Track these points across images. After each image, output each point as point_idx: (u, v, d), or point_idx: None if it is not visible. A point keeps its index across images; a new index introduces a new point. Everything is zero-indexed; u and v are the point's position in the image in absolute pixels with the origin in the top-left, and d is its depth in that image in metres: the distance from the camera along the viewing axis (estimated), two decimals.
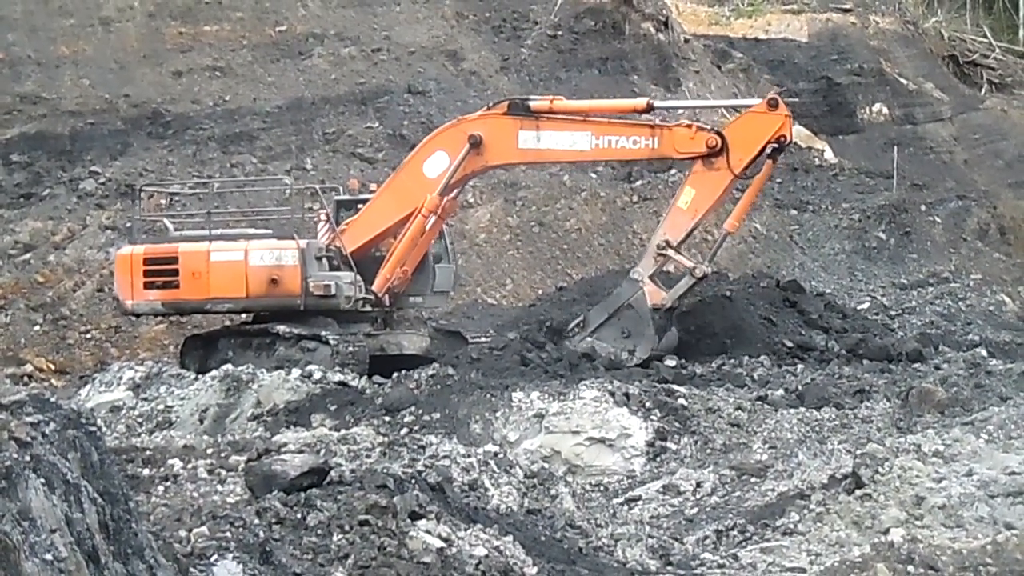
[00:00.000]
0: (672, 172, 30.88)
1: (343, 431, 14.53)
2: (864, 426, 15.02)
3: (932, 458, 11.21)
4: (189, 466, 11.76)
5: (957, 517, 10.02)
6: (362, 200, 20.65)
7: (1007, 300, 30.20)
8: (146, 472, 11.57)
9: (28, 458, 5.49)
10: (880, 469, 10.76)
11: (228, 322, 22.38)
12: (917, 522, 10.06)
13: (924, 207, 36.74)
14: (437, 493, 9.56)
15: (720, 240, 22.06)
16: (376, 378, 18.27)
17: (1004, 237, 37.70)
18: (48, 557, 5.28)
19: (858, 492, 10.71)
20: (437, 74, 33.38)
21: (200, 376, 18.34)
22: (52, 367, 24.92)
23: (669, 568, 10.19)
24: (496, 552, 8.69)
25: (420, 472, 10.07)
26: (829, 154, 39.00)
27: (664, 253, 19.68)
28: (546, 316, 21.62)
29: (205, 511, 8.55)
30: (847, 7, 45.72)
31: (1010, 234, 37.93)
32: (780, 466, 13.33)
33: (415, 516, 8.61)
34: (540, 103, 20.07)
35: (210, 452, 12.84)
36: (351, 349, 19.26)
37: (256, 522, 8.05)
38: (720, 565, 10.21)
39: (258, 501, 8.78)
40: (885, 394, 16.61)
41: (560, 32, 36.04)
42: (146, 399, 17.80)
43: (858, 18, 45.65)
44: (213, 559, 7.24)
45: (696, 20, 43.98)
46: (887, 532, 9.83)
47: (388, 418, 15.84)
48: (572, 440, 14.81)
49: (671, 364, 19.08)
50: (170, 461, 12.07)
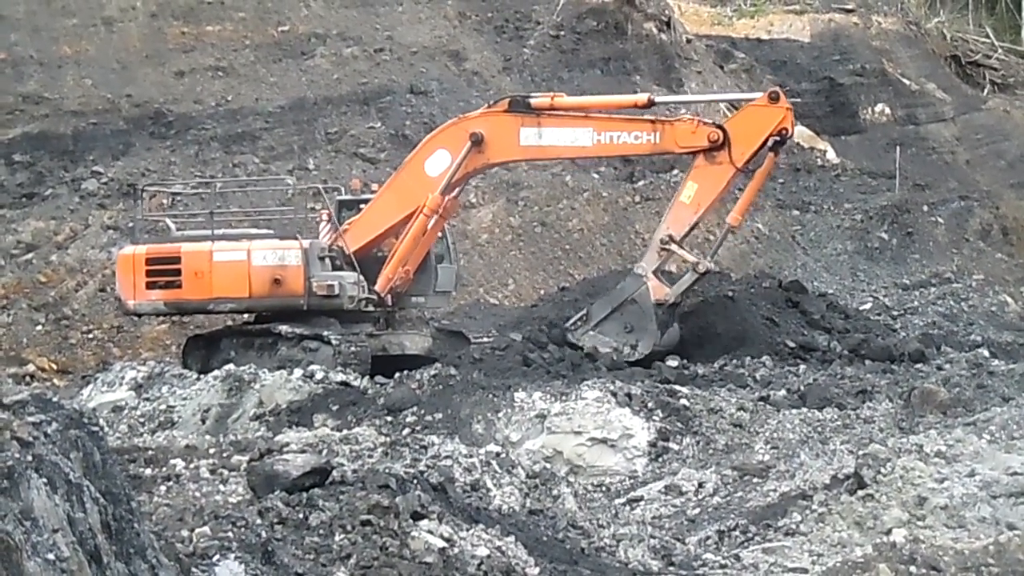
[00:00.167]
0: (674, 172, 30.87)
1: (345, 431, 14.53)
2: (866, 426, 15.02)
3: (934, 459, 11.20)
4: (191, 466, 11.74)
5: (959, 518, 10.02)
6: (364, 200, 20.66)
7: (1009, 300, 30.17)
8: (148, 472, 11.55)
9: (30, 458, 5.49)
10: (882, 469, 10.75)
11: (230, 322, 22.39)
12: (919, 523, 10.06)
13: (926, 207, 36.72)
14: (439, 493, 9.56)
15: (723, 234, 22.07)
16: (378, 378, 18.26)
17: (1006, 237, 37.70)
18: (50, 557, 5.28)
19: (860, 492, 10.70)
20: (439, 74, 33.37)
21: (202, 376, 18.34)
22: (54, 367, 24.92)
23: (671, 569, 10.20)
24: (498, 552, 8.70)
25: (422, 472, 10.06)
26: (831, 154, 38.95)
27: (667, 248, 19.71)
28: (548, 316, 21.64)
29: (207, 511, 8.55)
30: (849, 7, 45.64)
31: (1012, 234, 37.93)
32: (782, 466, 13.34)
33: (417, 516, 8.61)
34: (541, 100, 20.09)
35: (212, 452, 12.82)
36: (353, 349, 19.26)
37: (258, 522, 8.06)
38: (722, 566, 10.21)
39: (260, 501, 8.78)
40: (887, 394, 16.60)
41: (562, 32, 36.01)
42: (148, 399, 17.80)
43: (860, 18, 45.59)
44: (215, 559, 7.25)
45: (698, 20, 43.92)
46: (889, 532, 9.83)
47: (390, 418, 15.84)
48: (574, 440, 14.82)
49: (673, 364, 19.09)
50: (172, 461, 12.04)
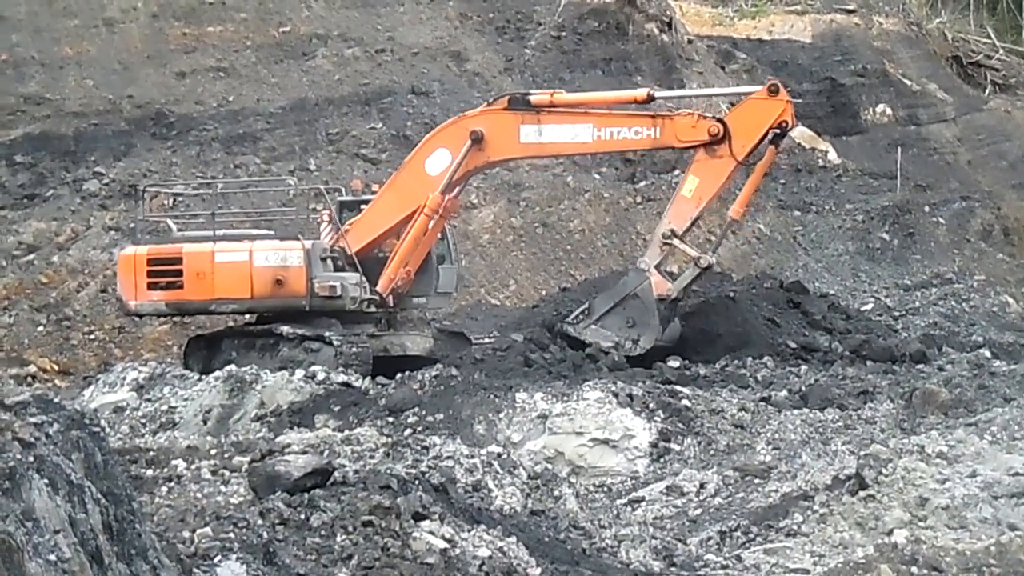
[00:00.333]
0: (675, 173, 30.84)
1: (347, 432, 14.53)
2: (868, 427, 15.02)
3: (936, 459, 11.20)
4: (193, 467, 11.74)
5: (961, 518, 10.02)
6: (365, 201, 20.65)
7: (1011, 301, 30.14)
8: (150, 473, 11.55)
9: (32, 459, 5.49)
10: (884, 470, 10.76)
11: (232, 323, 22.39)
12: (921, 523, 10.06)
13: (928, 208, 36.70)
14: (441, 494, 9.56)
15: (725, 228, 22.08)
16: (380, 379, 18.26)
17: (1008, 238, 37.66)
18: (52, 558, 5.28)
19: (862, 493, 10.71)
20: (441, 75, 33.37)
21: (204, 377, 18.33)
22: (55, 368, 24.92)
23: (672, 569, 10.20)
24: (500, 553, 8.70)
25: (424, 473, 10.07)
26: (833, 155, 38.91)
27: (669, 242, 19.71)
28: (549, 317, 21.64)
29: (209, 512, 8.55)
30: (851, 8, 45.59)
31: (1014, 235, 37.89)
32: (784, 467, 13.34)
33: (419, 517, 8.61)
34: (541, 97, 20.09)
35: (214, 453, 12.82)
36: (355, 350, 19.26)
37: (260, 523, 8.06)
38: (723, 566, 10.21)
39: (262, 502, 8.79)
40: (889, 395, 16.60)
41: (564, 33, 36.00)
42: (150, 400, 17.80)
43: (862, 19, 45.54)
44: (217, 560, 7.25)
45: (700, 21, 43.87)
46: (891, 533, 9.83)
47: (392, 419, 15.84)
48: (576, 441, 14.82)
49: (675, 365, 19.08)
50: (174, 462, 12.04)
